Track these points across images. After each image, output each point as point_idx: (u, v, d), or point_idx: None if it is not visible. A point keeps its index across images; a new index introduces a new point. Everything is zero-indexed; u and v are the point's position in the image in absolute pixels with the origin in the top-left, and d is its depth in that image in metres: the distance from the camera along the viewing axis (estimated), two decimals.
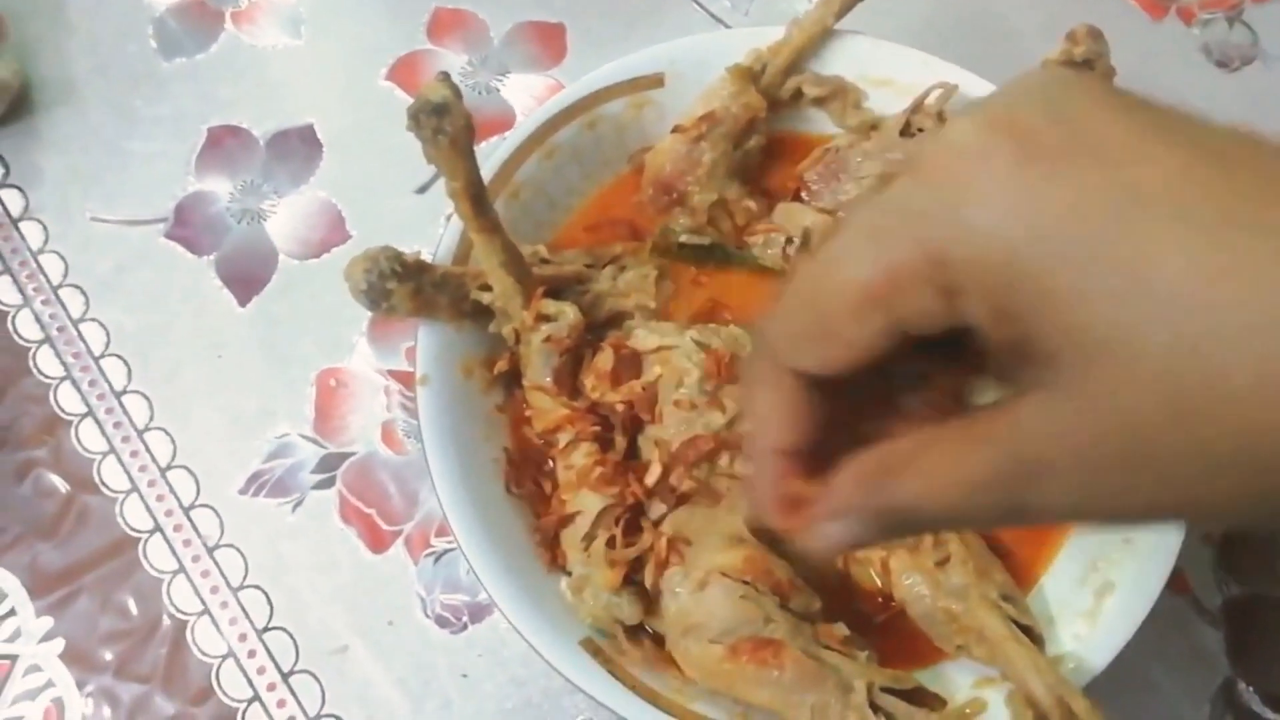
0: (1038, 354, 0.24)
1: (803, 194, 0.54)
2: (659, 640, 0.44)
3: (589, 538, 0.44)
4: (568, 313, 0.47)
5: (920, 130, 0.52)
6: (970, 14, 0.40)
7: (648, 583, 0.43)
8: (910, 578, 0.45)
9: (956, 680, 0.44)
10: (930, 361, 0.29)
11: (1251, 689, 0.50)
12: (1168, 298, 0.22)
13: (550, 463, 0.48)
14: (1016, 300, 0.24)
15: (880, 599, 0.46)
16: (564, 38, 0.67)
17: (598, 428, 0.46)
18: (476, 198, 0.45)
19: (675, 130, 0.53)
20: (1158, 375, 0.22)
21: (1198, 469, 0.23)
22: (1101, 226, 0.22)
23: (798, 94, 0.54)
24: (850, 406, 0.30)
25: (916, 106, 0.52)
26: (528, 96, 0.65)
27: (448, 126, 0.42)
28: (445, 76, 0.43)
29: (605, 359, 0.47)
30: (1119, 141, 0.23)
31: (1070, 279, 0.23)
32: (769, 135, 0.54)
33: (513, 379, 0.49)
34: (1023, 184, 0.23)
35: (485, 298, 0.48)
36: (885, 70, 0.54)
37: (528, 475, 0.48)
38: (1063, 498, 0.25)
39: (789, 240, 0.52)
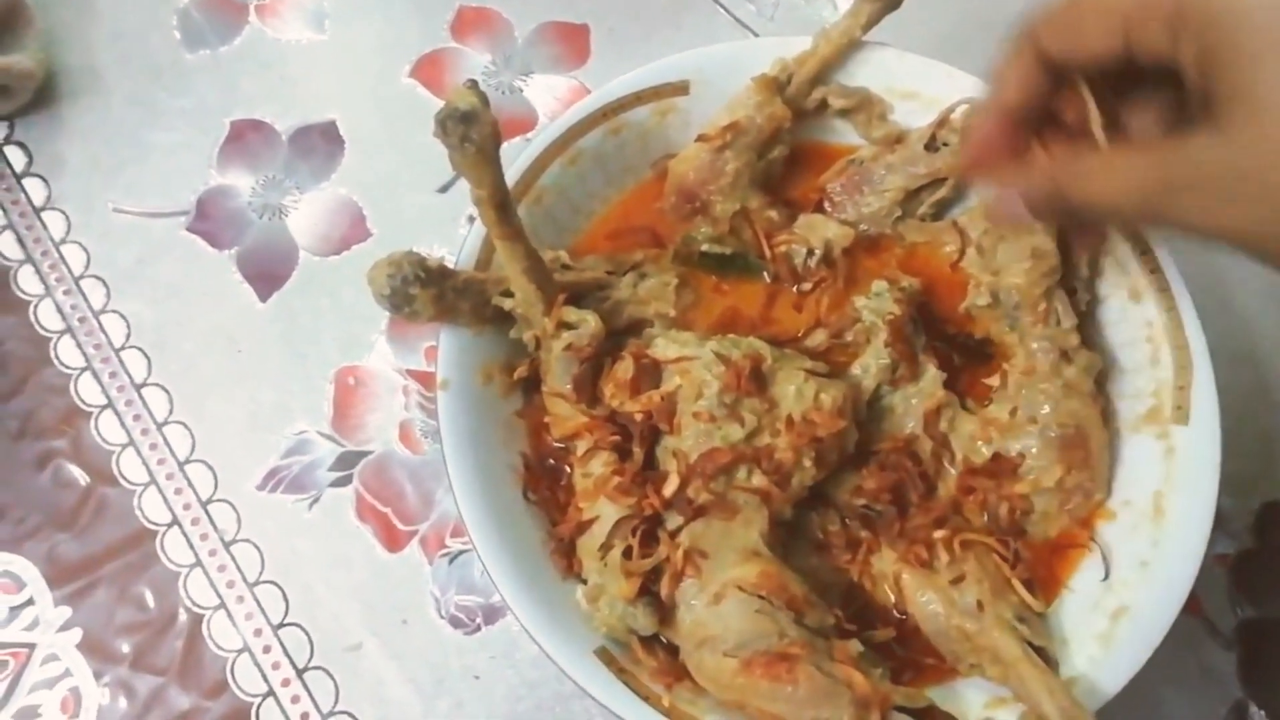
0: (1218, 100, 0.31)
1: (825, 205, 0.54)
2: (673, 651, 0.44)
3: (606, 547, 0.44)
4: (589, 321, 0.47)
5: (945, 145, 0.52)
6: (997, 27, 0.40)
7: (663, 594, 0.43)
8: (925, 595, 0.45)
9: (969, 699, 0.44)
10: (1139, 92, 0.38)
11: (1263, 712, 0.50)
12: None
13: (568, 470, 0.48)
14: (1219, 53, 0.31)
15: (895, 615, 0.46)
16: (588, 38, 0.67)
17: (616, 437, 0.46)
18: (501, 205, 0.45)
19: (699, 139, 0.53)
20: None
21: None
22: None
23: (823, 105, 0.54)
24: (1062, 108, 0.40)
25: (942, 120, 0.52)
26: (550, 97, 0.65)
27: (474, 135, 0.42)
28: (473, 84, 0.43)
29: (625, 368, 0.47)
30: None
31: (1259, 44, 0.29)
32: (793, 145, 0.54)
33: (532, 385, 0.50)
34: None
35: (507, 304, 0.48)
36: (911, 83, 0.53)
37: (545, 482, 0.48)
38: (1197, 212, 0.32)
39: (810, 251, 0.52)
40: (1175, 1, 0.32)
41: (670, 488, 0.45)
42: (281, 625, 0.53)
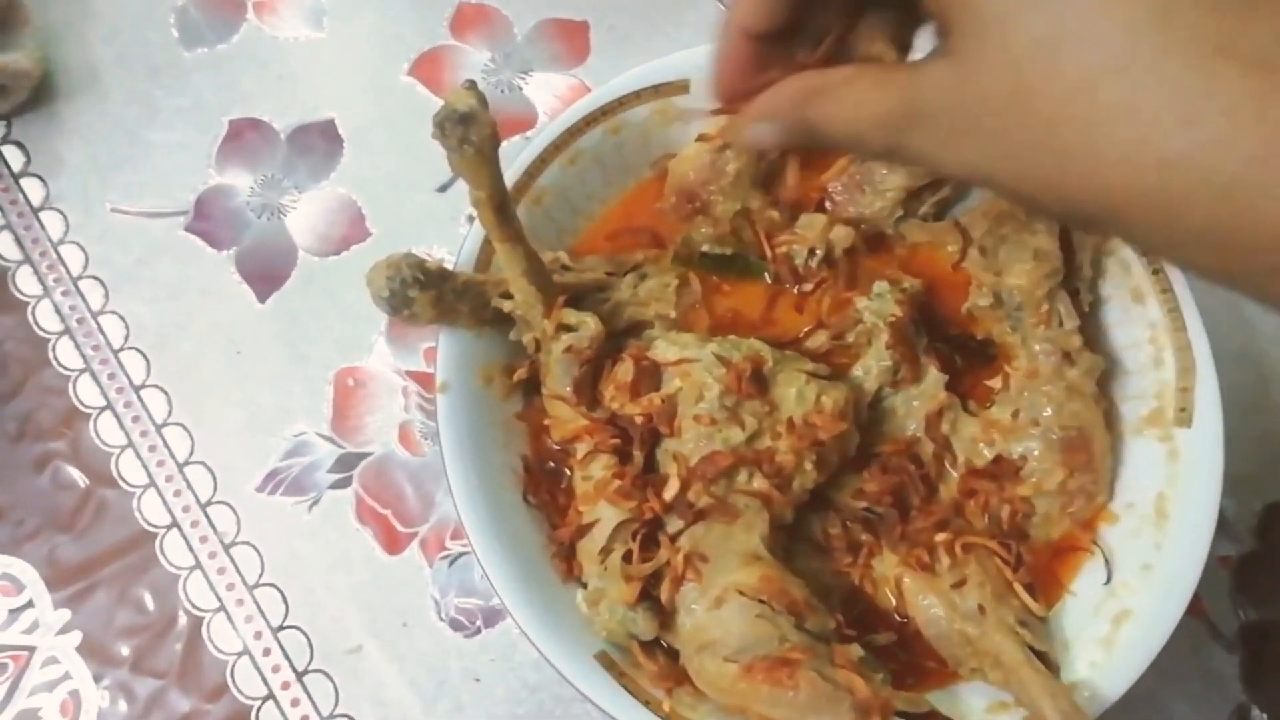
0: (949, 25, 0.28)
1: (826, 205, 0.54)
2: (674, 655, 0.44)
3: (606, 551, 0.44)
4: (589, 323, 0.47)
5: None
6: None
7: (664, 598, 0.43)
8: (926, 599, 0.45)
9: (970, 703, 0.44)
10: (885, 16, 0.36)
11: (1265, 715, 0.50)
12: (1049, 2, 0.25)
13: (568, 473, 0.48)
14: None
15: (896, 619, 0.46)
16: (588, 36, 0.67)
17: (616, 440, 0.46)
18: (500, 207, 0.44)
19: (700, 138, 0.52)
20: (1020, 63, 0.26)
21: (1028, 149, 0.27)
22: None
23: None
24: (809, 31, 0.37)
25: None
26: (550, 95, 0.65)
27: (473, 136, 0.42)
28: (472, 85, 0.43)
29: (625, 370, 0.47)
30: None
31: None
32: None
33: (532, 387, 0.49)
34: None
35: (506, 306, 0.47)
36: None
37: (545, 485, 0.48)
38: (930, 145, 0.30)
39: (811, 252, 0.52)
40: None
41: (671, 491, 0.44)
42: (281, 628, 0.53)
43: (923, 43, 0.36)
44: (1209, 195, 0.24)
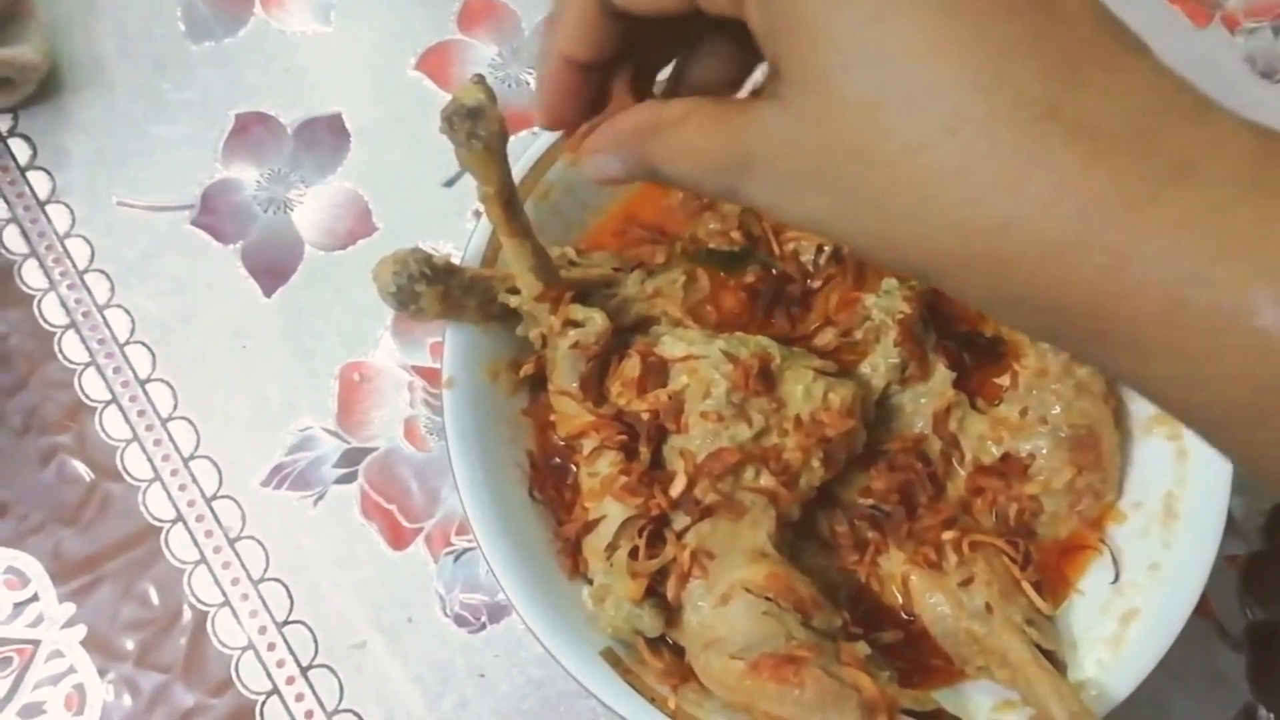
0: (779, 69, 0.27)
1: None
2: (679, 652, 0.44)
3: (612, 547, 0.44)
4: (596, 319, 0.47)
5: None
6: None
7: (670, 595, 0.43)
8: (933, 597, 0.45)
9: (977, 701, 0.44)
10: (725, 45, 0.33)
11: (1272, 714, 0.50)
12: (880, 58, 0.24)
13: (574, 469, 0.48)
14: (775, 17, 0.26)
15: (903, 617, 0.46)
16: None
17: (623, 436, 0.46)
18: (508, 202, 0.44)
19: None
20: (848, 121, 0.25)
21: (857, 206, 0.26)
22: None
23: None
24: (649, 53, 0.35)
25: None
26: None
27: (481, 131, 0.42)
28: (480, 79, 0.42)
29: (632, 366, 0.47)
30: None
31: (814, 12, 0.25)
32: None
33: (539, 383, 0.49)
34: None
35: (513, 301, 0.47)
36: None
37: (551, 481, 0.48)
38: (764, 194, 0.29)
39: (819, 248, 0.52)
40: None
41: (677, 488, 0.44)
42: (286, 623, 0.52)
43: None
44: (1033, 258, 0.23)
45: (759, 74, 0.33)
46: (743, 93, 0.35)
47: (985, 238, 0.24)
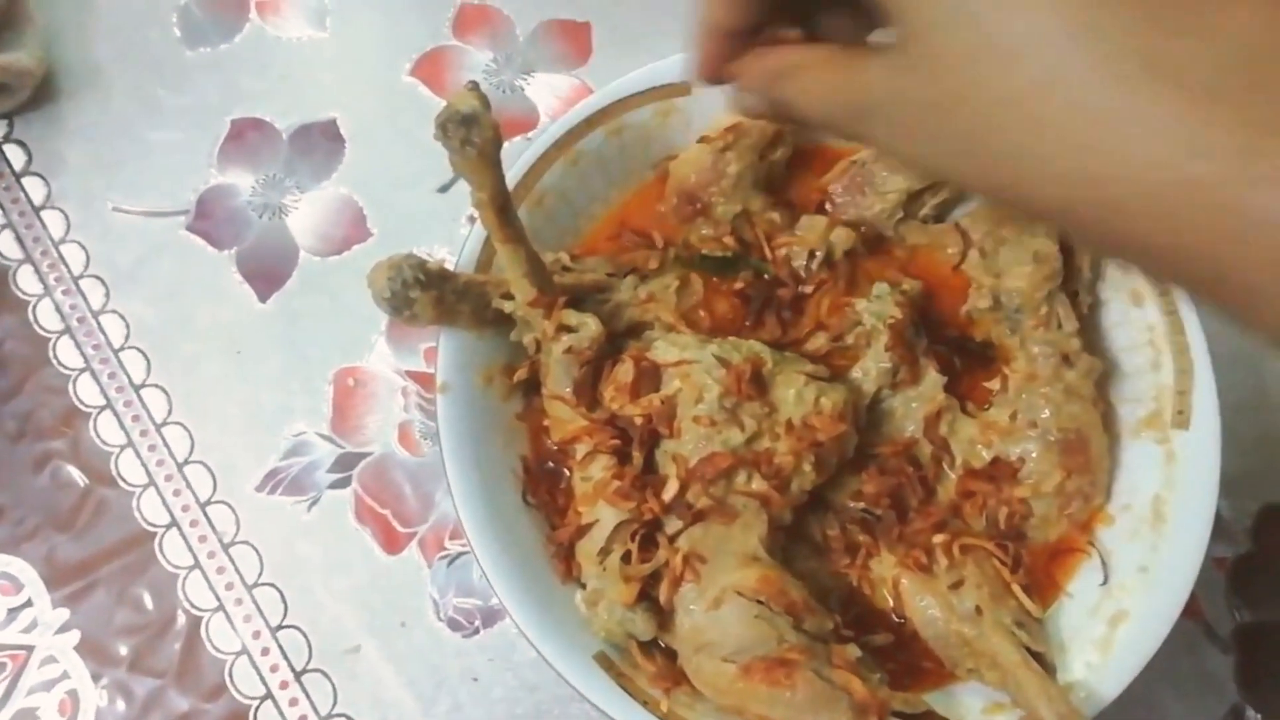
0: (895, 23, 0.29)
1: (827, 207, 0.54)
2: (672, 656, 0.44)
3: (604, 551, 0.44)
4: (589, 324, 0.47)
5: None
6: None
7: (662, 599, 0.43)
8: (924, 600, 0.45)
9: (967, 703, 0.44)
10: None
11: (1260, 716, 0.50)
12: (979, 12, 0.26)
13: (567, 473, 0.48)
14: None
15: (894, 620, 0.46)
16: (590, 36, 0.67)
17: (616, 441, 0.46)
18: (502, 208, 0.45)
19: (701, 140, 0.52)
20: (953, 70, 0.27)
21: (969, 150, 0.28)
22: None
23: None
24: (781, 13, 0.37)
25: None
26: (552, 96, 0.65)
27: (475, 138, 0.42)
28: (474, 86, 0.43)
29: (625, 371, 0.47)
30: None
31: None
32: (795, 147, 0.54)
33: (532, 388, 0.49)
34: None
35: (507, 306, 0.47)
36: None
37: (544, 485, 0.48)
38: (887, 136, 0.31)
39: (811, 254, 0.52)
40: None
41: (670, 492, 0.44)
42: (280, 627, 0.53)
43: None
44: (1139, 207, 0.24)
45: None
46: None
47: (1088, 188, 0.25)
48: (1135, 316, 0.49)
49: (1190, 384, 0.47)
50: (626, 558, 0.44)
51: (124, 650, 0.52)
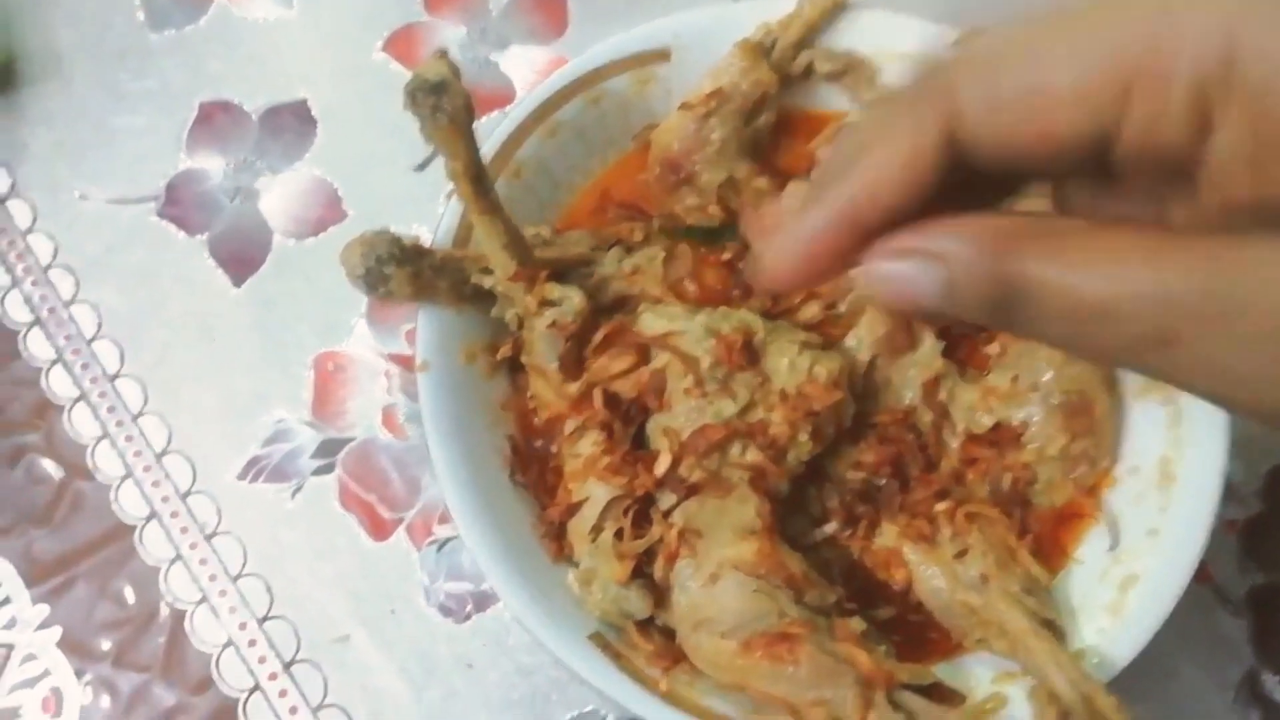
0: None
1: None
2: (670, 634, 0.43)
3: (597, 529, 0.43)
4: (573, 297, 0.45)
5: None
6: None
7: (658, 576, 0.42)
8: (928, 570, 0.44)
9: (976, 674, 0.43)
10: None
11: (1276, 678, 0.49)
12: None
13: (555, 451, 0.47)
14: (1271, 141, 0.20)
15: (898, 591, 0.45)
16: (565, 8, 0.65)
17: (605, 416, 0.45)
18: (477, 178, 0.43)
19: (682, 107, 0.51)
20: None
21: None
22: None
23: (809, 69, 0.52)
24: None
25: None
26: (528, 70, 0.63)
27: (446, 105, 0.40)
28: (443, 54, 0.41)
29: (611, 344, 0.46)
30: None
31: None
32: (780, 112, 0.52)
33: (516, 365, 0.48)
34: None
35: (487, 281, 0.46)
36: (901, 44, 0.51)
37: (532, 464, 0.47)
38: (1220, 353, 0.21)
39: None
40: (1221, 55, 0.20)
41: (662, 466, 0.43)
42: (266, 618, 0.51)
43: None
44: None
45: None
46: None
47: None
48: None
49: None
50: (619, 535, 0.43)
51: (106, 645, 0.50)
